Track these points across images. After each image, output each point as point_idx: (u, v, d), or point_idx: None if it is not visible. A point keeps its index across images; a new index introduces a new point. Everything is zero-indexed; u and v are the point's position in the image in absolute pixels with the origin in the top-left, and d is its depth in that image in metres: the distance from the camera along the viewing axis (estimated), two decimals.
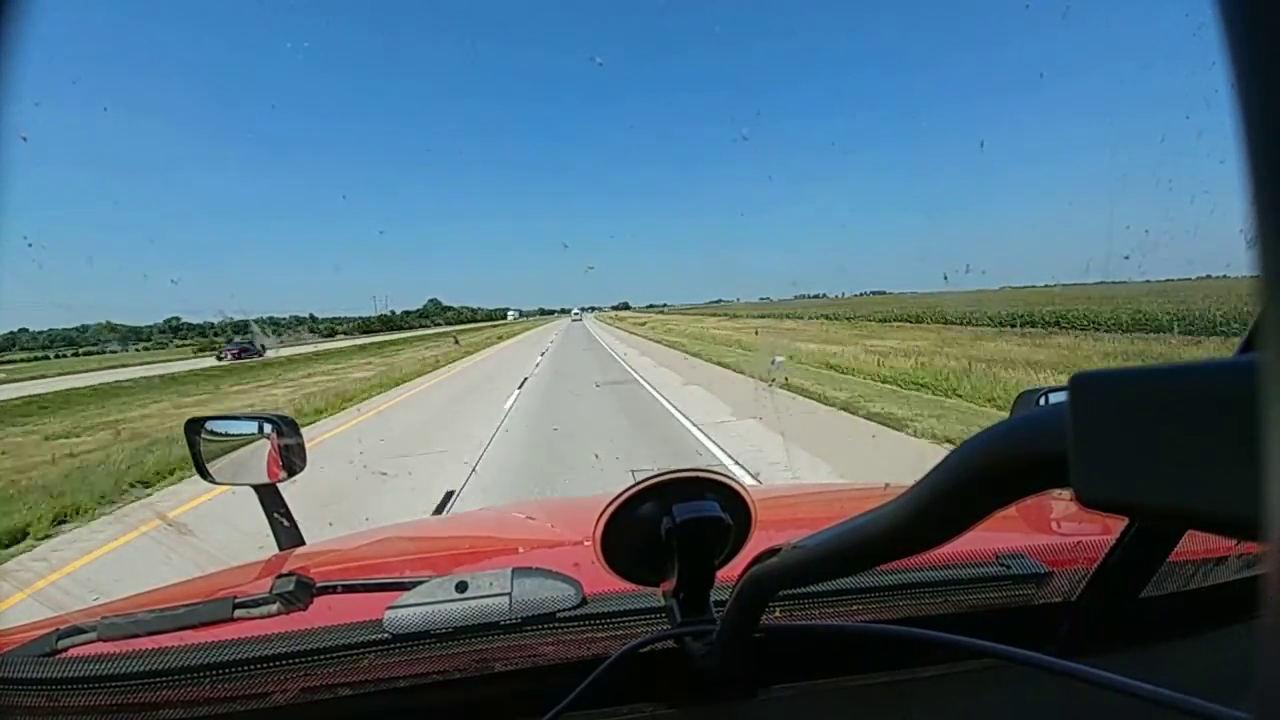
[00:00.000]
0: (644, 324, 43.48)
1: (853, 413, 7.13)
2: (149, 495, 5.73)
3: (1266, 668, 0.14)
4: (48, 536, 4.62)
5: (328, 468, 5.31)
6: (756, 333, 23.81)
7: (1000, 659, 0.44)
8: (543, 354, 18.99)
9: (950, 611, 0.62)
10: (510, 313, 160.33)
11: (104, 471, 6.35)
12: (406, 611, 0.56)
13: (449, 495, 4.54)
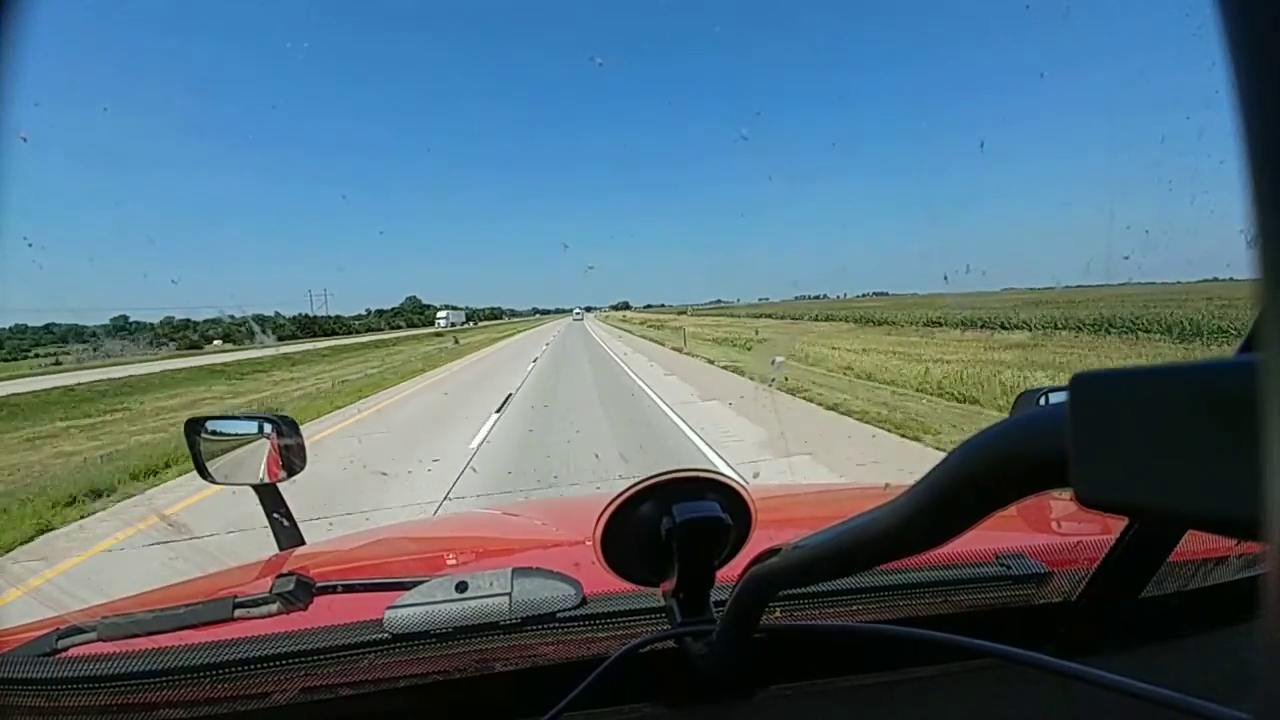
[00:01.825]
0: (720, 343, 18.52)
1: None
2: None
3: (1266, 668, 0.14)
4: None
5: None
6: None
7: (1000, 659, 0.44)
8: None
9: (950, 611, 0.62)
10: (441, 316, 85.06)
11: None
12: (406, 611, 0.56)
13: None
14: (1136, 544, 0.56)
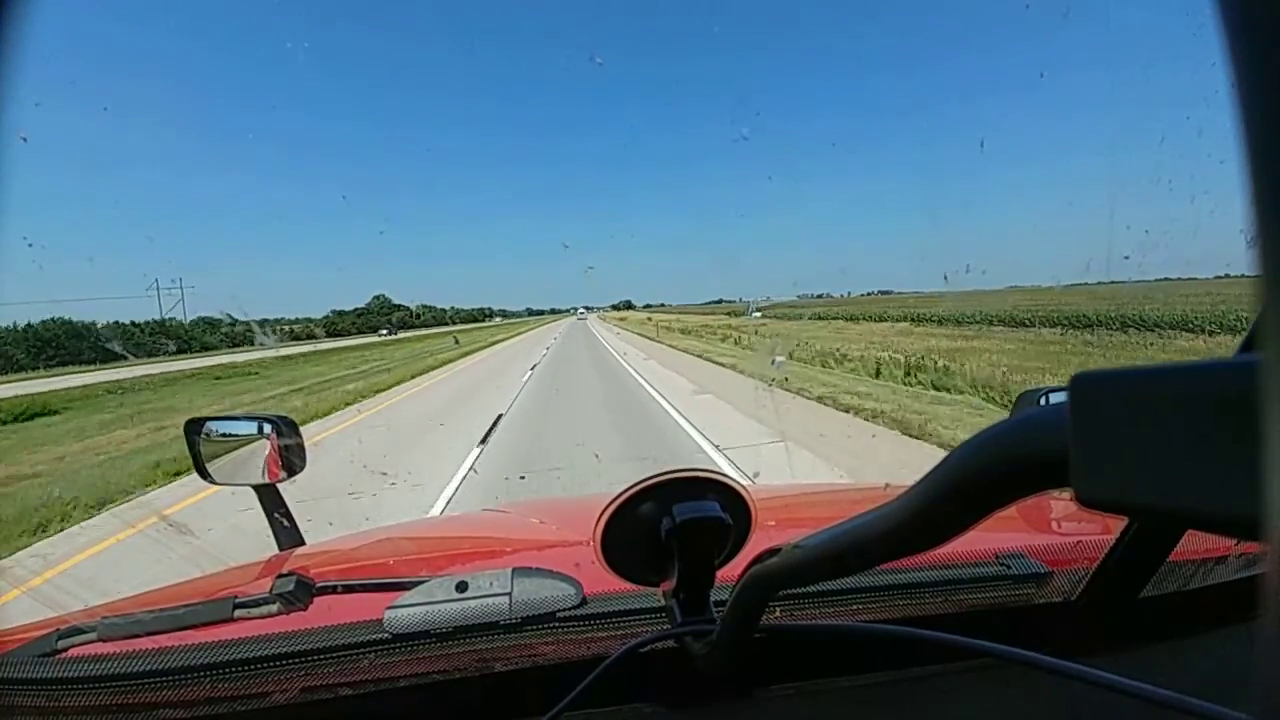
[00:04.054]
0: None
1: None
2: None
3: (1266, 668, 0.14)
4: None
5: None
6: None
7: (1000, 659, 0.44)
8: None
9: (950, 611, 0.62)
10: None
11: None
12: (406, 611, 0.56)
13: None
14: (1136, 544, 0.56)
